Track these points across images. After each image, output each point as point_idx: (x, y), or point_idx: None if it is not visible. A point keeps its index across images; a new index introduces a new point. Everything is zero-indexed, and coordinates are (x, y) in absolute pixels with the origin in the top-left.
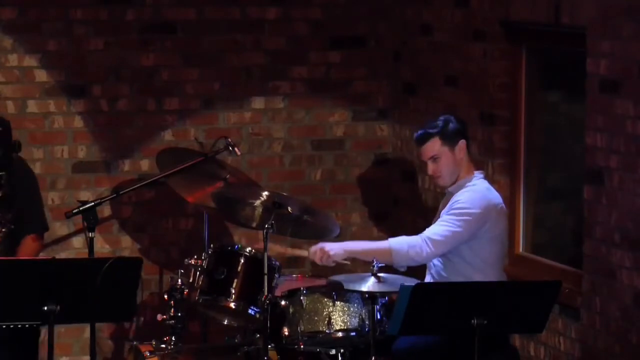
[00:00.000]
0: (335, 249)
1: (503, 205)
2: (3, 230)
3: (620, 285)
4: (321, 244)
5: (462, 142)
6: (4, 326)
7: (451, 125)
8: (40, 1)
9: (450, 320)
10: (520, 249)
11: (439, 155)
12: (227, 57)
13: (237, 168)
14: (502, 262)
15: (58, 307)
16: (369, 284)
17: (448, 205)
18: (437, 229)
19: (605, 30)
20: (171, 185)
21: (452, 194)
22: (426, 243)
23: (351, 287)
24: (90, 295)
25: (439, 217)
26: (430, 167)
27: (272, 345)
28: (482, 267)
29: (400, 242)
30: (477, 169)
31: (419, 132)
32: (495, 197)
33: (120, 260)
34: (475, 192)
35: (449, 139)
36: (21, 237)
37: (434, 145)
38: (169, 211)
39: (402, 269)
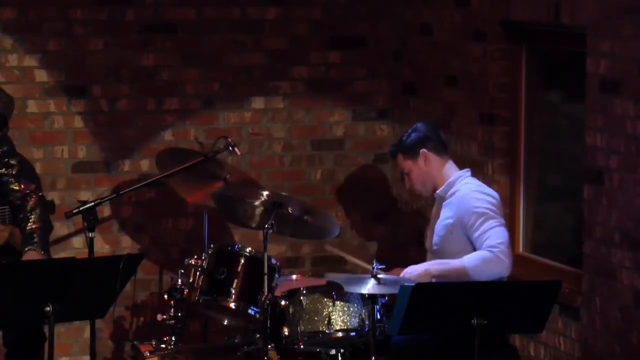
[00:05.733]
0: (417, 273)
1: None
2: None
3: (620, 285)
4: (405, 271)
5: (422, 152)
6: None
7: (411, 137)
8: (40, 1)
9: (450, 320)
10: (520, 249)
11: (407, 170)
12: (227, 57)
13: (237, 168)
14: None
15: (59, 308)
16: (368, 286)
17: (469, 216)
18: (493, 234)
19: (605, 30)
20: (171, 185)
21: (442, 198)
22: (497, 251)
23: (351, 289)
24: (89, 294)
25: (433, 223)
26: (405, 182)
27: (272, 345)
28: None
29: (472, 259)
30: (462, 168)
31: (390, 148)
32: (491, 191)
33: (129, 258)
34: (477, 189)
35: (409, 152)
36: None
37: (400, 161)
38: (169, 211)
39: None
